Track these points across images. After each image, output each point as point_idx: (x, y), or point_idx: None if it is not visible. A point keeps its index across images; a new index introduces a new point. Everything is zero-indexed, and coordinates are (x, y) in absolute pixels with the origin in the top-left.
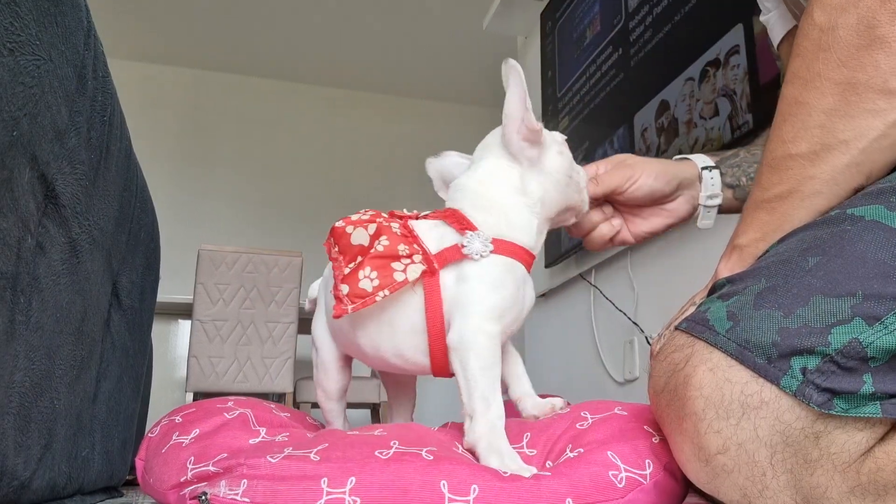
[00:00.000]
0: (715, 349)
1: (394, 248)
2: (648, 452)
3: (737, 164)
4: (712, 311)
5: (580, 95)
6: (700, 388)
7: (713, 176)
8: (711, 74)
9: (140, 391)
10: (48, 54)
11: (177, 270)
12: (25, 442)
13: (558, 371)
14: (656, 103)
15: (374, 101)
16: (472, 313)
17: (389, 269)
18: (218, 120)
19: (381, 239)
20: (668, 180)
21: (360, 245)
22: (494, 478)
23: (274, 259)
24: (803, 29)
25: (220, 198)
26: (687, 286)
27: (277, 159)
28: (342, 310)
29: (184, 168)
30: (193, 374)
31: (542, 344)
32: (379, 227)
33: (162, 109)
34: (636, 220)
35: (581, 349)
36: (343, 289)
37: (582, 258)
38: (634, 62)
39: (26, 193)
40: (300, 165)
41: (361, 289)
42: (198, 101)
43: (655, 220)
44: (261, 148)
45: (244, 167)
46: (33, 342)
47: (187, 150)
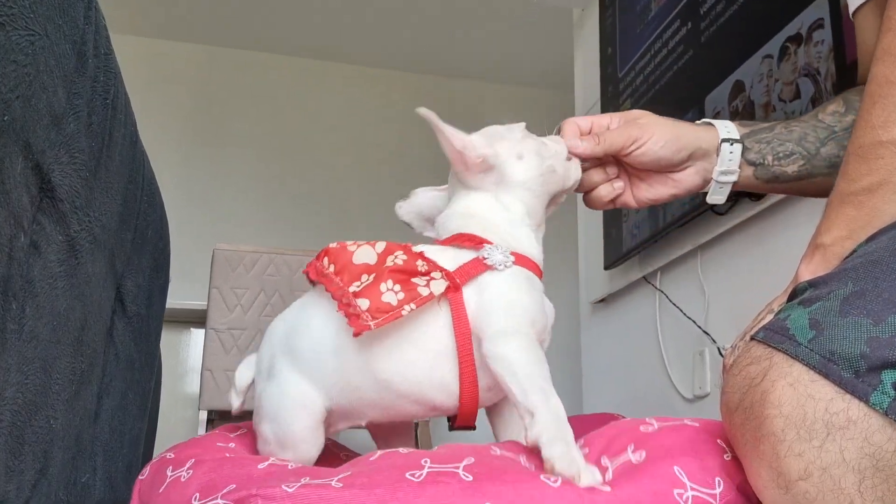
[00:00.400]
0: (796, 362)
1: (412, 263)
2: (719, 470)
3: (766, 140)
4: (793, 318)
5: (644, 75)
6: (779, 406)
7: (733, 150)
8: (792, 52)
9: (147, 409)
10: (43, 29)
11: (189, 273)
12: (18, 466)
13: (618, 386)
14: (730, 84)
15: (413, 81)
16: (504, 319)
17: (412, 284)
18: (235, 103)
19: (396, 254)
20: (678, 150)
21: (364, 263)
22: (544, 498)
23: (299, 260)
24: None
25: (237, 190)
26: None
27: (303, 146)
28: (363, 326)
29: (196, 157)
30: (207, 390)
31: (600, 356)
32: (389, 245)
33: (172, 91)
34: (641, 185)
35: (644, 361)
36: (362, 303)
37: (646, 259)
38: (705, 38)
39: (19, 186)
40: (329, 153)
41: (385, 302)
42: (211, 81)
43: (661, 188)
44: (284, 134)
45: (265, 156)
46: (27, 354)
47: (200, 137)
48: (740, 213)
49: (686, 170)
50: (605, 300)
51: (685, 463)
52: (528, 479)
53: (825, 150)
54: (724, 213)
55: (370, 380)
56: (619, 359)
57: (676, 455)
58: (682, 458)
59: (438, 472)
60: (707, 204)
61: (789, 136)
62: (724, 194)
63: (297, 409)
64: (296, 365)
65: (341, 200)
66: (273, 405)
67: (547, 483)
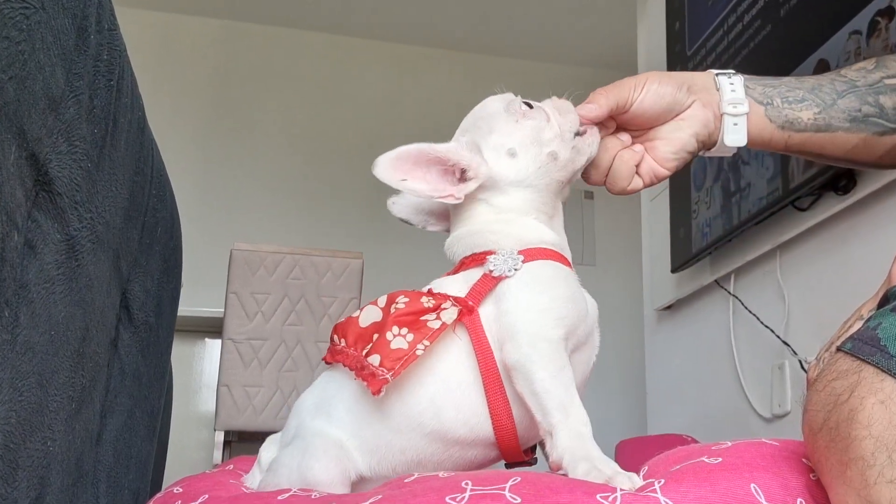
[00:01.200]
0: (888, 376)
1: (416, 303)
2: (803, 491)
3: (772, 86)
4: (884, 327)
5: (716, 53)
6: (869, 426)
7: (733, 82)
8: (883, 27)
9: (156, 429)
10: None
11: (203, 276)
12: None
13: (687, 404)
14: (813, 63)
15: (455, 60)
16: (524, 324)
17: (421, 322)
18: (256, 85)
19: (397, 300)
20: (676, 85)
21: (372, 323)
22: None
23: (327, 261)
24: None
25: (258, 183)
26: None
27: (332, 133)
28: (381, 381)
29: (212, 146)
30: (224, 409)
31: (667, 369)
32: (391, 295)
33: (185, 71)
34: (657, 144)
35: (717, 376)
36: (373, 360)
37: (718, 260)
38: (785, 11)
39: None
40: (360, 144)
41: (396, 349)
42: (230, 60)
43: (678, 134)
44: (310, 119)
45: (290, 144)
46: (21, 367)
47: (217, 123)
48: (825, 208)
49: (692, 105)
50: (672, 307)
51: (764, 480)
52: (584, 498)
53: (843, 101)
54: (807, 209)
55: (417, 434)
56: (687, 372)
57: (755, 469)
58: (762, 473)
59: (482, 494)
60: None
61: (800, 84)
62: (741, 133)
63: (323, 451)
64: (332, 423)
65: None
66: (297, 451)
67: (604, 503)
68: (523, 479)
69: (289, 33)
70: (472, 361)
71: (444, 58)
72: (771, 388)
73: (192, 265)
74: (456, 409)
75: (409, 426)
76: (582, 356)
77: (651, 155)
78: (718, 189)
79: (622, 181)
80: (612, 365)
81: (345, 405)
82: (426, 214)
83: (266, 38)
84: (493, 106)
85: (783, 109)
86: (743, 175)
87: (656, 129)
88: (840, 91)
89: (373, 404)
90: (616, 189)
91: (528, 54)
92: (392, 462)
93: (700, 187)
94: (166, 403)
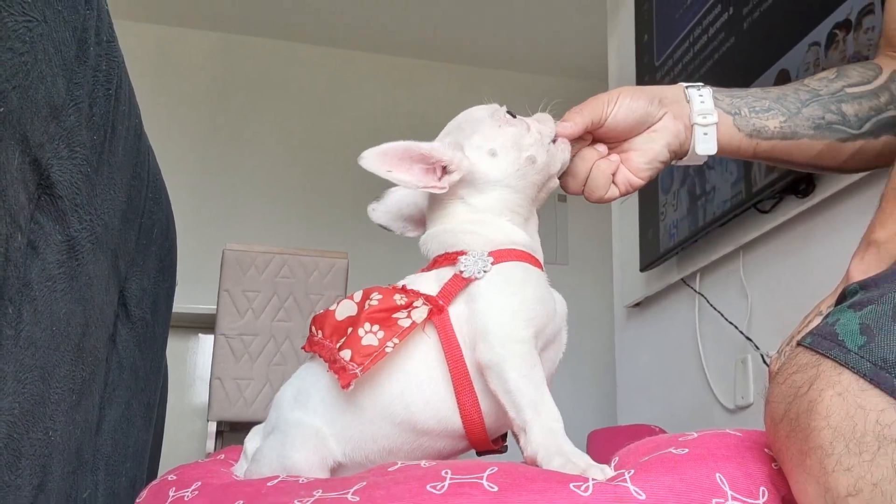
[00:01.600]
0: (845, 370)
1: (389, 300)
2: (765, 480)
3: (739, 97)
4: (842, 323)
5: (683, 64)
6: (827, 417)
7: (702, 94)
8: (841, 39)
9: (152, 420)
10: (42, 14)
11: (197, 275)
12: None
13: (655, 396)
14: (774, 73)
15: (441, 72)
16: (495, 325)
17: (392, 320)
18: (248, 95)
19: (371, 297)
20: (649, 98)
21: (348, 317)
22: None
23: (314, 261)
24: None
25: (249, 187)
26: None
27: (321, 140)
28: (351, 375)
29: (206, 151)
30: (217, 400)
31: (636, 363)
32: (366, 291)
33: (181, 82)
34: (632, 155)
35: (683, 369)
36: (345, 355)
37: (684, 260)
38: (748, 23)
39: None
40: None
41: (367, 346)
42: (224, 71)
43: (651, 145)
44: (300, 127)
45: (282, 150)
46: (24, 361)
47: (210, 130)
48: (785, 211)
49: (664, 118)
50: (641, 304)
51: (728, 470)
52: (557, 488)
53: (807, 110)
54: (769, 211)
55: (388, 424)
56: (655, 366)
57: (720, 459)
58: (726, 463)
59: (461, 483)
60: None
61: (766, 95)
62: (712, 142)
63: (302, 440)
64: (308, 413)
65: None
66: (276, 442)
67: (577, 492)
68: (500, 469)
69: (284, 45)
70: (440, 359)
71: (425, 68)
72: (734, 381)
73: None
74: (425, 402)
75: (379, 417)
76: (550, 353)
77: (626, 165)
78: (685, 192)
79: (599, 190)
80: (585, 359)
81: (320, 396)
82: (404, 220)
83: (261, 49)
84: (478, 112)
85: (751, 119)
86: (708, 179)
87: (630, 140)
88: (804, 100)
89: (346, 395)
90: (594, 197)
91: (519, 66)
92: (365, 450)
93: (667, 191)
94: (162, 395)
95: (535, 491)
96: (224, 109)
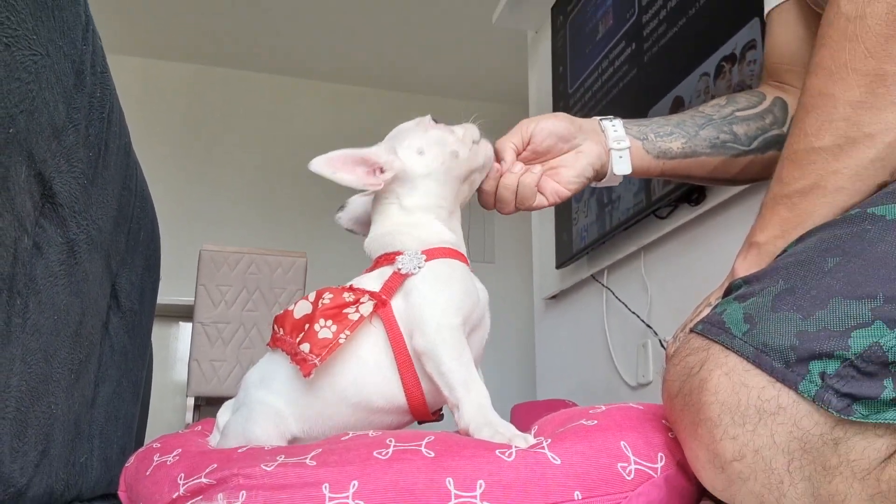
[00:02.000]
0: (731, 353)
1: (339, 299)
2: (663, 447)
3: (644, 124)
4: (728, 312)
5: (592, 91)
6: (715, 393)
7: (615, 124)
8: (727, 70)
9: (140, 396)
10: (45, 49)
11: (178, 271)
12: (22, 448)
13: (570, 375)
14: (670, 99)
15: (381, 97)
16: (429, 316)
17: (343, 315)
18: (220, 116)
19: (323, 297)
20: (568, 123)
21: (304, 315)
22: (500, 470)
23: (277, 260)
24: (828, 18)
25: (221, 197)
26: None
27: (281, 157)
28: (312, 365)
29: (185, 166)
30: (195, 378)
31: (553, 347)
32: (319, 291)
33: (162, 106)
34: (561, 171)
35: (593, 352)
36: (304, 348)
37: (594, 259)
38: (648, 57)
39: (23, 192)
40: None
41: (323, 339)
42: (199, 97)
43: (577, 162)
44: (264, 145)
45: (247, 165)
46: (30, 345)
47: (188, 148)
48: (680, 216)
49: (585, 142)
50: (557, 297)
51: (631, 438)
52: (485, 454)
53: (704, 132)
54: (666, 217)
55: (343, 405)
56: (569, 350)
57: (624, 429)
58: (630, 432)
59: (403, 450)
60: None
61: (667, 122)
62: (627, 164)
63: (263, 416)
64: (271, 393)
65: (316, 206)
66: (241, 417)
67: (502, 457)
68: (436, 438)
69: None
70: (386, 346)
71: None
72: (636, 362)
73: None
74: (375, 384)
75: (336, 399)
76: (476, 337)
77: (555, 179)
78: (594, 201)
79: (528, 199)
80: (509, 343)
81: (282, 380)
82: (364, 225)
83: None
84: (409, 123)
85: (657, 142)
86: (613, 189)
87: (559, 158)
88: (700, 124)
89: (306, 381)
90: (524, 206)
91: (449, 93)
92: (322, 427)
93: (579, 199)
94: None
95: (465, 457)
96: (198, 130)
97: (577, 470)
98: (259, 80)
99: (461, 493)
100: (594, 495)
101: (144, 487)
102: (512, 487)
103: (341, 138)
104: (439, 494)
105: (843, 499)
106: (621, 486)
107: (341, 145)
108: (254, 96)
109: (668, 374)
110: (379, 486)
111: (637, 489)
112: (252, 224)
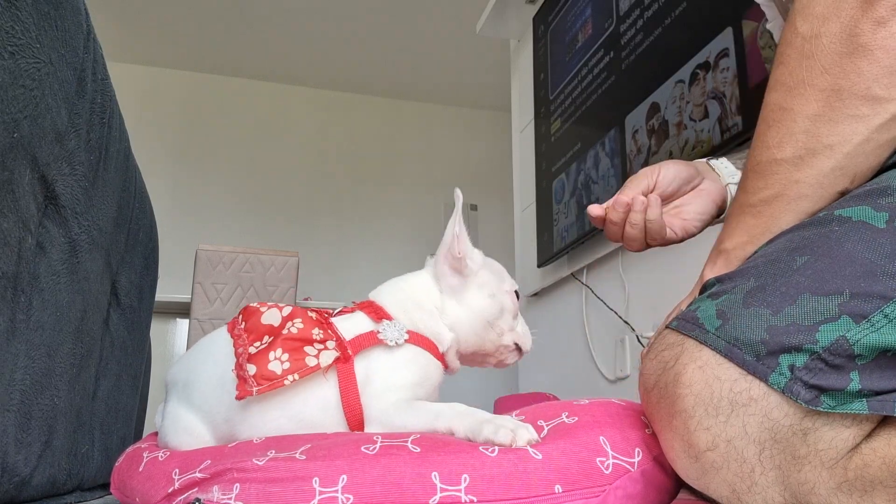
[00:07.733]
0: (704, 347)
1: (308, 331)
2: (639, 442)
3: (739, 158)
4: (702, 309)
5: (572, 98)
6: (690, 386)
7: (722, 161)
8: (701, 77)
9: (138, 389)
10: (48, 57)
11: (175, 270)
12: (26, 439)
13: (550, 369)
14: (647, 106)
15: (370, 103)
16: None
17: (302, 353)
18: (216, 122)
19: (294, 321)
20: (686, 165)
21: (269, 325)
22: (484, 465)
23: (270, 259)
24: (786, 37)
25: (217, 199)
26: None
27: (274, 161)
28: (246, 391)
29: (182, 169)
30: None
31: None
32: (294, 310)
33: (160, 112)
34: (685, 209)
35: (573, 348)
36: (250, 368)
37: (574, 258)
38: (625, 65)
39: (27, 194)
40: (297, 167)
41: (270, 371)
42: (196, 103)
43: (700, 200)
44: (258, 150)
45: (242, 169)
46: (34, 340)
47: (185, 152)
48: None
49: (703, 182)
50: (539, 294)
51: (610, 434)
52: (469, 450)
53: None
54: None
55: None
56: (550, 345)
57: (604, 425)
58: (609, 428)
59: (390, 445)
60: None
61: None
62: None
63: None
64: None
65: (307, 208)
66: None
67: (485, 453)
68: (422, 436)
69: (242, 82)
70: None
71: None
72: (614, 357)
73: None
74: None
75: (265, 430)
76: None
77: (682, 217)
78: (574, 203)
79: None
80: None
81: (204, 392)
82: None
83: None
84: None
85: None
86: (593, 192)
87: (683, 198)
88: None
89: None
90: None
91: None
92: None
93: (560, 201)
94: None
95: (450, 452)
96: (195, 135)
97: (557, 464)
98: (253, 87)
99: (446, 487)
100: (574, 489)
101: (139, 483)
102: (495, 481)
103: (333, 143)
104: (425, 488)
105: (812, 487)
106: (600, 480)
107: (332, 149)
108: (248, 103)
109: (644, 368)
110: (367, 480)
111: (615, 483)
112: (246, 225)
